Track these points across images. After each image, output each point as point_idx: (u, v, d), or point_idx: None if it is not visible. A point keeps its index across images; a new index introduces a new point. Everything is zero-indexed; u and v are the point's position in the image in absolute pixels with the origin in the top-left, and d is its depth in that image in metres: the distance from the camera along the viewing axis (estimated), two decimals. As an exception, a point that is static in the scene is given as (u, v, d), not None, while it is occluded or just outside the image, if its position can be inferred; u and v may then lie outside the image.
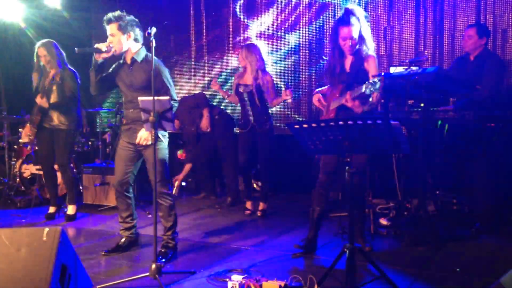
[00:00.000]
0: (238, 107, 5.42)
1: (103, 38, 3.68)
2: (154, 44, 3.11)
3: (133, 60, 3.63)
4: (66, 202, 5.18)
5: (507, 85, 4.81)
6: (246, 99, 5.03)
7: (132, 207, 3.92)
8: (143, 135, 3.52)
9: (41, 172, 5.84)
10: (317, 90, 3.89)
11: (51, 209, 5.15)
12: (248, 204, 5.29)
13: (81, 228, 4.79)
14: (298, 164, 6.00)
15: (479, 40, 4.27)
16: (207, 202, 5.84)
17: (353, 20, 3.60)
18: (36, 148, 5.75)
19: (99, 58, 3.55)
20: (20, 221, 5.13)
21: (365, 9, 5.72)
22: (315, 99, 3.79)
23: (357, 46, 3.62)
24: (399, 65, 5.16)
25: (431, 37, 5.37)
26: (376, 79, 3.12)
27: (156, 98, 3.09)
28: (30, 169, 5.89)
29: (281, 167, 6.29)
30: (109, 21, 3.56)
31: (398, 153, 4.41)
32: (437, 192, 4.74)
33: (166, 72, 3.66)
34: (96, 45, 3.55)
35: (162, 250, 3.73)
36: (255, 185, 6.15)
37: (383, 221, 4.56)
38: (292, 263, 3.62)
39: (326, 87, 3.88)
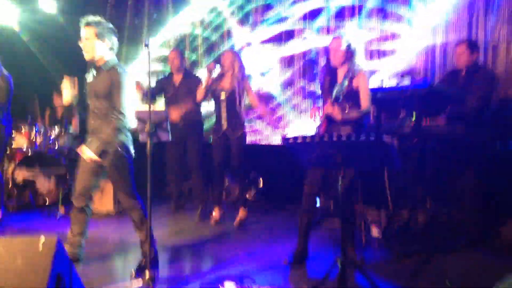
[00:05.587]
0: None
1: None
2: (150, 55, 3.14)
3: (101, 68, 3.49)
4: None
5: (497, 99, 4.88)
6: (224, 103, 5.00)
7: (86, 225, 3.69)
8: (87, 154, 3.38)
9: (34, 177, 5.88)
10: (316, 105, 3.96)
11: None
12: (215, 212, 5.22)
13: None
14: (288, 173, 6.03)
15: (470, 56, 4.34)
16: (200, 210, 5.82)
17: (342, 33, 3.71)
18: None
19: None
20: (13, 227, 5.13)
21: (359, 22, 5.80)
22: (311, 113, 3.84)
23: (347, 61, 3.70)
24: (392, 77, 5.24)
25: (423, 51, 5.45)
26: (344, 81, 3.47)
27: (152, 109, 3.13)
28: (23, 174, 5.88)
29: (271, 176, 6.32)
30: (87, 24, 3.43)
31: (390, 168, 4.46)
32: (427, 204, 4.78)
33: (128, 86, 3.46)
34: None
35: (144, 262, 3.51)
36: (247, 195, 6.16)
37: (375, 232, 4.60)
38: (284, 272, 3.66)
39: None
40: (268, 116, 5.02)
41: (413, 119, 4.42)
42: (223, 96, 4.99)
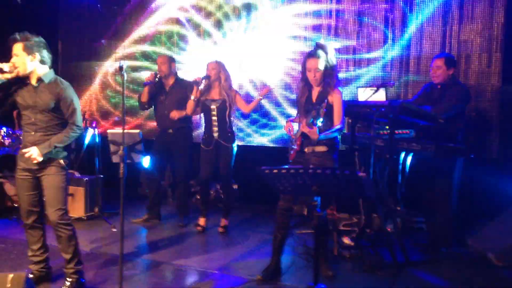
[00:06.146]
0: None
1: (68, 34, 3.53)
2: (125, 78, 3.08)
3: (39, 81, 3.48)
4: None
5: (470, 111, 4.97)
6: (215, 114, 5.01)
7: (43, 239, 3.70)
8: (34, 152, 3.36)
9: (2, 180, 5.73)
10: (290, 118, 3.98)
11: None
12: (201, 221, 5.23)
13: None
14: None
15: (447, 71, 4.40)
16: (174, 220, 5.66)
17: (319, 53, 3.71)
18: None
19: (1, 78, 3.39)
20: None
21: (336, 32, 5.79)
22: (286, 127, 3.86)
23: (323, 79, 3.72)
24: (367, 87, 5.28)
25: (397, 61, 5.49)
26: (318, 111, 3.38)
27: (126, 131, 3.08)
28: (-13, 179, 5.73)
29: (245, 179, 6.27)
30: (14, 41, 3.42)
31: (364, 198, 4.52)
32: (399, 213, 4.85)
33: (75, 98, 3.56)
34: None
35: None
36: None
37: (346, 241, 4.65)
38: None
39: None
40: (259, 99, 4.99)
41: (386, 129, 4.50)
42: (213, 107, 4.98)
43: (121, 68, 3.04)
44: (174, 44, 6.83)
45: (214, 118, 5.01)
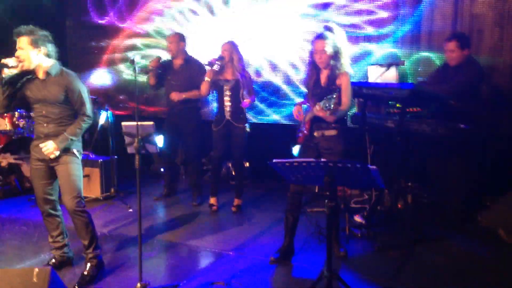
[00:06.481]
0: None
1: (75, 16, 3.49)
2: (137, 71, 3.11)
3: (47, 75, 3.52)
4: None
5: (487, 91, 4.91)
6: (228, 94, 5.03)
7: (61, 225, 3.80)
8: (50, 147, 3.44)
9: (19, 162, 5.85)
10: (299, 102, 3.99)
11: None
12: (213, 200, 5.32)
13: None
14: (274, 153, 6.06)
15: (461, 52, 4.35)
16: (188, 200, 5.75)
17: (327, 34, 3.70)
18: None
19: (7, 73, 3.42)
20: (1, 214, 5.17)
21: (345, 8, 5.70)
22: (295, 111, 3.88)
23: (332, 61, 3.71)
24: (377, 65, 5.23)
25: (408, 37, 5.42)
26: (332, 95, 3.30)
27: (140, 123, 3.13)
28: (7, 159, 5.85)
29: (256, 155, 6.31)
30: (19, 34, 3.42)
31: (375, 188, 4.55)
32: (410, 190, 4.90)
33: (83, 88, 3.59)
34: (3, 60, 3.41)
35: (85, 273, 3.60)
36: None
37: (358, 219, 4.73)
38: (272, 272, 3.77)
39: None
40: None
41: (397, 107, 4.50)
42: (226, 87, 5.01)
43: (132, 61, 3.06)
44: (183, 20, 6.79)
45: (227, 98, 5.05)
